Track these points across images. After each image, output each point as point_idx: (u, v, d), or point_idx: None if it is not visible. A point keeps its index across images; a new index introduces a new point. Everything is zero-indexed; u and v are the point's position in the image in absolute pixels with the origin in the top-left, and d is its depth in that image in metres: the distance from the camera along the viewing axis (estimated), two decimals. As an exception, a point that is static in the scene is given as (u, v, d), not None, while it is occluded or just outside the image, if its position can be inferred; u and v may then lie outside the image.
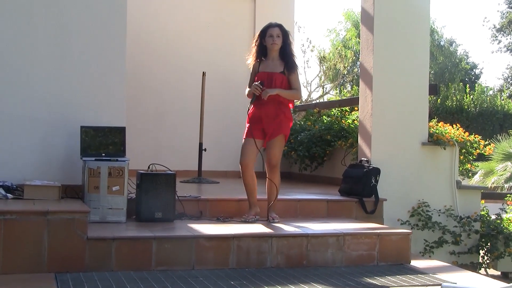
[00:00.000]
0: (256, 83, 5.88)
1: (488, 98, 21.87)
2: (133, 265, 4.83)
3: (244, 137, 5.96)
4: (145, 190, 5.63)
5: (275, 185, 5.93)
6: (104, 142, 5.86)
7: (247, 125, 5.98)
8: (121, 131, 5.91)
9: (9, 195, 5.41)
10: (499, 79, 36.09)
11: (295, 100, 6.26)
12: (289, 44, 6.01)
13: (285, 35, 5.98)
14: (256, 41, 6.05)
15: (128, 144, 5.97)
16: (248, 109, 6.01)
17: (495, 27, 33.02)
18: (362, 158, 7.23)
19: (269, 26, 6.00)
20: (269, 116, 5.90)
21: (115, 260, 4.80)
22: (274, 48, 5.94)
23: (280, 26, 5.99)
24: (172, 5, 9.94)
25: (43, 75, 6.01)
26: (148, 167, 5.82)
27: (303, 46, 17.14)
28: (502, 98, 24.31)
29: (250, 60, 6.11)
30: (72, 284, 4.37)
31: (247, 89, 6.05)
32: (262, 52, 6.03)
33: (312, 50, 17.11)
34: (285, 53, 5.97)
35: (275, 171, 5.93)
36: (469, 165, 8.25)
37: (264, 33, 5.99)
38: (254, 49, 6.06)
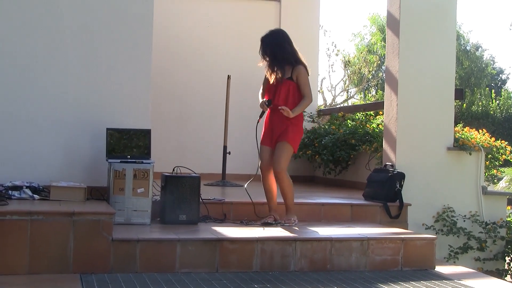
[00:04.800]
0: (263, 100, 5.92)
1: (514, 104, 21.68)
2: (157, 267, 4.85)
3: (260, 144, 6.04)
4: (169, 192, 5.66)
5: (284, 191, 5.91)
6: (129, 144, 5.90)
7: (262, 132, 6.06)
8: (146, 133, 5.95)
9: (36, 196, 5.47)
10: (526, 84, 35.74)
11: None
12: (278, 50, 5.89)
13: (269, 45, 5.92)
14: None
15: (153, 147, 6.01)
16: (258, 122, 6.05)
17: (522, 31, 32.70)
18: (387, 163, 7.20)
19: (261, 39, 6.01)
20: (277, 123, 5.93)
21: (139, 262, 4.83)
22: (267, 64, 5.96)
23: (262, 40, 5.96)
24: (196, 9, 9.98)
25: (70, 78, 6.08)
26: (173, 170, 5.85)
27: (328, 50, 17.09)
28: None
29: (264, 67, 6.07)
30: (97, 285, 4.40)
31: (260, 96, 6.10)
32: None
33: (337, 54, 17.04)
34: (276, 59, 5.89)
35: (279, 177, 5.86)
36: (495, 171, 8.17)
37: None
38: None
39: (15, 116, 5.93)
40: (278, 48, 5.92)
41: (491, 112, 20.53)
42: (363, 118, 9.35)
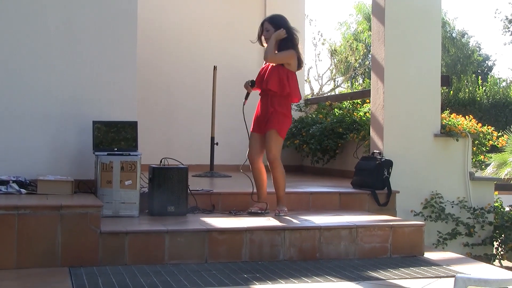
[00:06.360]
0: (247, 81, 6.00)
1: (501, 90, 21.73)
2: (146, 258, 4.84)
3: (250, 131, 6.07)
4: (157, 184, 5.65)
5: (277, 180, 5.90)
6: (116, 137, 5.87)
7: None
8: (133, 125, 5.92)
9: (23, 190, 5.45)
10: (512, 70, 35.82)
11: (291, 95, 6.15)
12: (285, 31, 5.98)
13: (277, 25, 5.97)
14: (259, 37, 6.11)
15: (141, 139, 5.99)
16: (244, 104, 6.03)
17: (507, 18, 32.74)
18: (375, 151, 7.21)
19: (262, 21, 6.10)
20: (264, 109, 5.97)
21: (128, 254, 4.82)
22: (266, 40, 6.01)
23: (268, 20, 6.05)
24: (181, 0, 9.93)
25: (55, 72, 6.05)
26: (161, 161, 5.84)
27: (314, 39, 17.06)
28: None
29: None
30: (86, 278, 4.39)
31: None
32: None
33: (323, 44, 17.01)
34: (281, 41, 5.96)
35: (273, 166, 5.89)
36: (482, 157, 8.21)
37: (261, 30, 6.07)
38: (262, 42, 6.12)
39: (0, 112, 5.89)
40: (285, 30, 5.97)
41: (478, 98, 20.53)
42: (350, 106, 9.36)
